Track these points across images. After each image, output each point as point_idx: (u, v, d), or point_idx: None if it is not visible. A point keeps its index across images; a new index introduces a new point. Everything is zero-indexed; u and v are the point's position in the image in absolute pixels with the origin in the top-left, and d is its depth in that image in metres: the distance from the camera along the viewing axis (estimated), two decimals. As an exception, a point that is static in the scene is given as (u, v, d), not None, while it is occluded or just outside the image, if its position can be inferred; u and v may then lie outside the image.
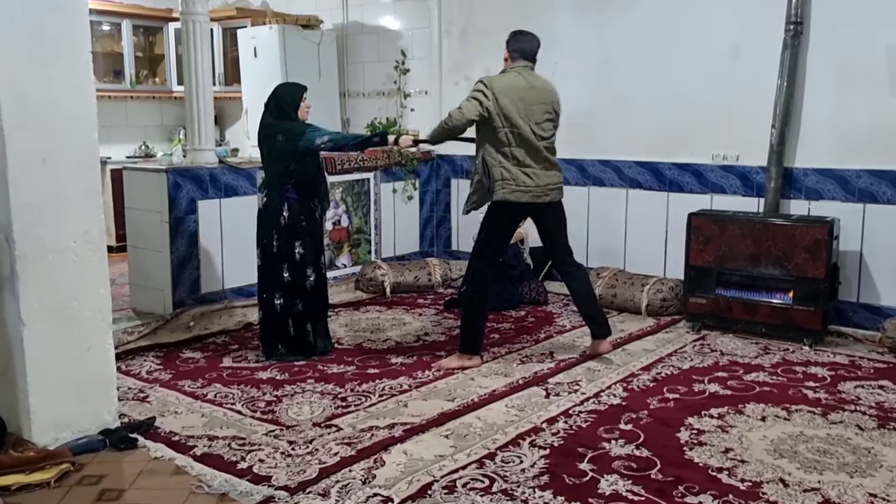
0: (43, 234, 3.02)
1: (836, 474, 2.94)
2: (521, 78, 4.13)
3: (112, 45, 7.87)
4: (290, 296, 4.25)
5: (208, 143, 5.29)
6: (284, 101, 4.23)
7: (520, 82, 4.10)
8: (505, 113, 3.99)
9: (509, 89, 4.04)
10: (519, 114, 4.01)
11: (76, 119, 3.09)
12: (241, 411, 3.56)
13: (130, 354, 4.37)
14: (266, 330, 4.32)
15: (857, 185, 4.76)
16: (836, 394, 3.80)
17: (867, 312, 4.78)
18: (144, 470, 2.94)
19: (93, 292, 3.18)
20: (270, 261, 4.24)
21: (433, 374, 4.07)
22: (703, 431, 3.34)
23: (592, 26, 5.78)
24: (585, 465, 3.00)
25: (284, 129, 4.17)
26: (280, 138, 4.15)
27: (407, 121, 6.83)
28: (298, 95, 4.26)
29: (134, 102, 8.25)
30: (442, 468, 2.97)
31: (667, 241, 5.47)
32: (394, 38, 6.90)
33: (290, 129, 4.16)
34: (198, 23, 5.16)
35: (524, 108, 4.04)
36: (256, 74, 7.08)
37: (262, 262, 4.28)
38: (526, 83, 4.11)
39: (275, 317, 4.27)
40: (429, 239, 6.81)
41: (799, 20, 4.80)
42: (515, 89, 4.05)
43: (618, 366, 4.21)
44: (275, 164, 4.21)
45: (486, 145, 4.08)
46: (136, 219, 5.21)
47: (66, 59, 3.04)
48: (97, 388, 3.23)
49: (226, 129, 8.51)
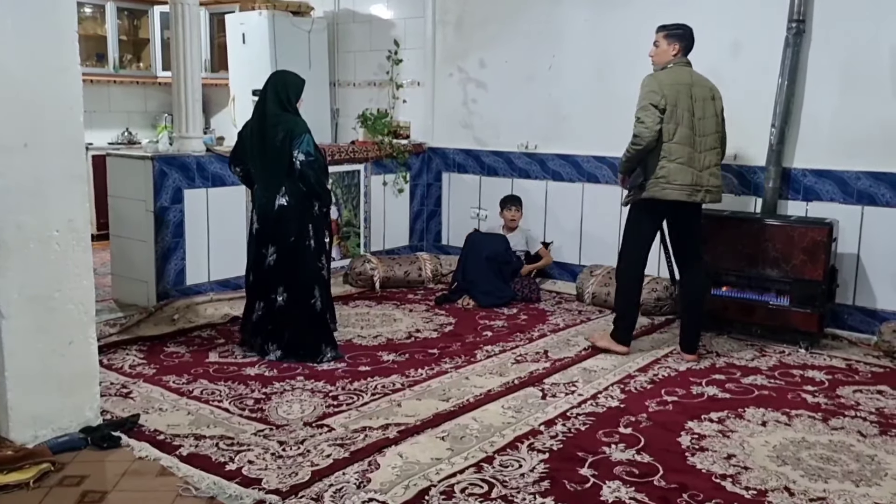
0: (24, 221, 2.87)
1: (841, 483, 2.88)
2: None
3: (95, 28, 7.67)
4: (325, 291, 4.17)
5: (196, 131, 5.14)
6: (293, 92, 4.05)
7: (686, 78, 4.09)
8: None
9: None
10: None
11: (61, 102, 2.94)
12: (228, 409, 3.44)
13: (112, 347, 4.23)
14: (308, 330, 4.07)
15: (856, 187, 4.71)
16: (835, 398, 3.74)
17: (863, 315, 4.74)
18: (128, 471, 2.81)
19: (76, 283, 3.04)
20: (312, 257, 4.05)
21: (426, 372, 3.97)
22: (705, 436, 3.26)
23: (591, 19, 5.69)
24: (586, 470, 2.92)
25: (288, 124, 3.96)
26: (281, 131, 3.95)
27: (399, 112, 6.71)
28: (302, 87, 4.11)
29: (117, 87, 8.06)
30: (439, 472, 2.86)
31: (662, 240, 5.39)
32: (386, 28, 6.77)
33: (294, 125, 3.95)
34: (187, 6, 5.01)
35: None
36: (244, 61, 6.93)
37: (291, 260, 4.02)
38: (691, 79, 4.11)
39: (315, 315, 4.09)
40: (419, 233, 6.70)
41: (801, 18, 4.74)
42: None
43: (614, 366, 4.13)
44: (281, 159, 3.95)
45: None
46: (120, 207, 5.05)
47: (53, 38, 2.89)
48: (79, 384, 3.09)
49: (212, 117, 8.35)
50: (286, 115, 4.00)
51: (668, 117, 3.97)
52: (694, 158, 4.02)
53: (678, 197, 4.01)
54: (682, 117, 3.99)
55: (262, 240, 4.10)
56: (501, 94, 6.18)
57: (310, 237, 4.04)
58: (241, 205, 5.29)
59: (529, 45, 5.97)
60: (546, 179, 5.99)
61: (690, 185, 4.02)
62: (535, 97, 5.98)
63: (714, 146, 4.13)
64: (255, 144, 4.07)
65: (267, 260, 4.06)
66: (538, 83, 5.97)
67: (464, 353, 4.30)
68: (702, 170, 4.05)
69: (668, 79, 4.04)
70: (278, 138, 3.94)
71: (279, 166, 3.97)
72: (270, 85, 4.08)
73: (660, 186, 4.01)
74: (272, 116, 4.00)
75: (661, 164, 3.99)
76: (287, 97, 4.03)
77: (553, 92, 5.90)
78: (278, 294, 4.06)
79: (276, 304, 4.07)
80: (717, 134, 4.16)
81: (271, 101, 4.03)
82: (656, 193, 4.03)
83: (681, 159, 3.98)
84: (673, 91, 3.99)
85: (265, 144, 4.01)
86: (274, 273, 4.06)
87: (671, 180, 3.99)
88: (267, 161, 4.03)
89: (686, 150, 4.00)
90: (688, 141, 4.00)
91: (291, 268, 4.04)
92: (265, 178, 4.09)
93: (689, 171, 4.00)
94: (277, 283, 4.06)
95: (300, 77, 4.16)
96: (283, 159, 3.94)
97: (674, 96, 3.98)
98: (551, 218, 6.00)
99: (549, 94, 5.92)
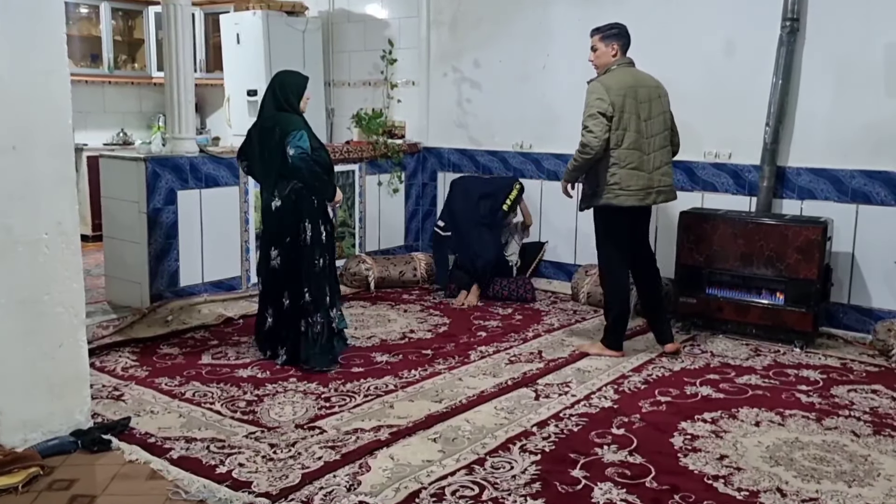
0: (12, 224, 2.86)
1: (833, 483, 2.87)
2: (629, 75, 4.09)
3: (90, 28, 7.66)
4: (326, 287, 4.06)
5: (189, 132, 5.12)
6: (291, 91, 4.00)
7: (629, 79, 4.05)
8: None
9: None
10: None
11: (49, 104, 2.93)
12: (220, 411, 3.43)
13: (105, 349, 4.21)
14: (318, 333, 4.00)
15: (850, 186, 4.70)
16: (829, 398, 3.74)
17: (858, 314, 4.73)
18: (118, 474, 2.80)
19: (65, 287, 3.02)
20: (310, 256, 3.98)
21: (419, 373, 3.96)
22: (697, 437, 3.25)
23: (584, 19, 5.66)
24: (578, 471, 2.91)
25: (282, 122, 3.92)
26: (277, 131, 3.91)
27: (393, 112, 6.69)
28: (304, 85, 4.06)
29: (112, 88, 8.05)
30: (430, 474, 2.86)
31: (656, 240, 5.39)
32: (381, 27, 6.75)
33: (287, 123, 3.91)
34: (179, 6, 4.99)
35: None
36: (239, 61, 6.92)
37: (292, 261, 3.98)
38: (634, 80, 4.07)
39: (313, 318, 4.02)
40: (414, 233, 6.69)
41: (795, 17, 4.73)
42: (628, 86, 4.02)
43: (608, 366, 4.12)
44: (275, 160, 3.92)
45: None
46: (113, 208, 5.04)
47: (40, 40, 2.88)
48: (69, 387, 3.08)
49: (207, 118, 8.33)
50: (281, 114, 3.97)
51: (616, 124, 3.96)
52: (644, 161, 4.01)
53: (632, 203, 4.02)
54: (630, 122, 3.97)
55: (266, 241, 4.12)
56: (496, 94, 6.17)
57: (307, 235, 3.97)
58: (234, 205, 5.28)
59: (523, 44, 5.96)
60: (542, 179, 5.98)
61: (643, 189, 4.02)
62: (530, 96, 5.97)
63: (663, 145, 4.12)
64: (255, 146, 4.07)
65: (272, 262, 4.06)
66: (532, 82, 5.95)
67: (458, 353, 4.29)
68: (652, 171, 4.04)
69: (613, 83, 4.01)
70: (274, 139, 3.92)
71: (274, 167, 3.95)
72: (269, 86, 4.07)
73: (613, 193, 4.01)
74: (268, 119, 3.99)
75: (612, 170, 3.99)
76: (285, 97, 4.00)
77: (547, 91, 5.88)
78: (285, 298, 4.03)
79: (284, 308, 4.04)
80: (666, 132, 4.14)
81: (268, 102, 4.03)
82: (611, 200, 4.03)
83: (631, 164, 3.98)
84: (619, 96, 3.97)
85: (262, 146, 4.01)
86: (280, 275, 4.04)
87: (623, 186, 3.99)
88: (265, 162, 4.02)
89: (635, 154, 3.99)
90: (636, 145, 3.99)
91: (294, 269, 4.01)
92: (263, 180, 4.11)
93: (640, 174, 4.00)
94: (284, 286, 4.03)
95: (302, 75, 4.12)
96: (277, 159, 3.92)
97: (620, 102, 3.96)
98: (546, 217, 5.99)
99: (544, 93, 5.90)
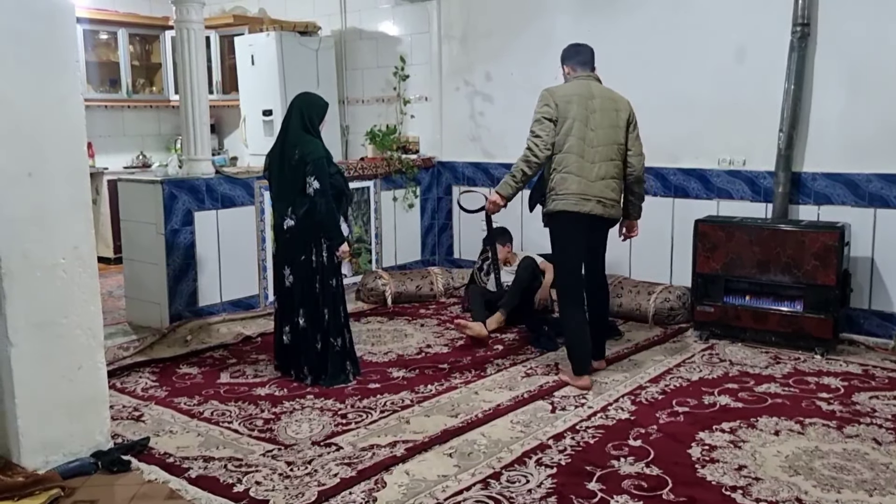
0: (30, 249, 2.92)
1: (854, 492, 2.83)
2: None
3: (108, 54, 7.79)
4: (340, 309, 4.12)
5: (204, 153, 5.19)
6: (316, 113, 4.06)
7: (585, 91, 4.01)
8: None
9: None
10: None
11: (65, 131, 2.99)
12: (238, 430, 3.45)
13: (126, 370, 4.27)
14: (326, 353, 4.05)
15: (867, 190, 4.65)
16: (850, 406, 3.69)
17: (879, 319, 4.67)
18: (137, 494, 2.83)
19: (83, 310, 3.07)
20: (325, 276, 4.01)
21: (436, 387, 3.96)
22: (715, 447, 3.22)
23: (594, 29, 5.67)
24: (594, 484, 2.89)
25: (303, 145, 3.96)
26: (297, 153, 3.95)
27: (407, 127, 6.74)
28: (326, 109, 4.13)
29: (131, 112, 8.17)
30: (445, 489, 2.86)
31: (673, 248, 5.37)
32: (393, 44, 6.81)
33: (307, 148, 3.94)
34: (192, 31, 5.07)
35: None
36: (254, 82, 7.00)
37: (305, 280, 4.02)
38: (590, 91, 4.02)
39: (331, 336, 4.06)
40: (430, 247, 6.71)
41: (806, 21, 4.70)
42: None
43: (625, 377, 4.10)
44: (294, 181, 3.96)
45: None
46: (132, 230, 5.12)
47: (54, 68, 2.95)
48: (88, 409, 3.12)
49: (224, 138, 8.43)
50: (305, 136, 4.00)
51: (560, 128, 3.91)
52: (584, 168, 3.91)
53: (566, 207, 3.90)
54: (573, 127, 3.91)
55: (279, 260, 4.16)
56: (509, 106, 6.18)
57: (322, 255, 4.01)
58: (251, 225, 5.33)
59: (534, 56, 5.97)
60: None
61: (579, 195, 3.89)
62: (542, 108, 5.97)
63: (610, 157, 3.97)
64: (275, 164, 4.11)
65: (286, 281, 4.09)
66: (545, 94, 5.96)
67: (474, 367, 4.29)
68: (594, 180, 3.92)
69: (561, 91, 3.98)
70: (294, 160, 3.96)
71: (292, 187, 3.99)
72: (296, 106, 4.08)
73: (552, 200, 3.95)
74: (293, 138, 4.02)
75: (552, 176, 3.94)
76: (311, 118, 4.04)
77: (560, 103, 5.88)
78: (299, 316, 4.07)
79: (300, 327, 4.07)
80: (616, 147, 3.99)
81: (295, 122, 4.05)
82: (551, 207, 3.96)
83: (569, 168, 3.91)
84: (565, 102, 3.92)
85: (283, 165, 4.04)
86: (294, 294, 4.07)
87: (559, 191, 3.91)
88: (282, 181, 4.06)
89: (575, 158, 3.91)
90: (578, 150, 3.91)
91: (308, 288, 4.04)
92: (279, 198, 4.13)
93: (578, 180, 3.90)
94: (298, 304, 4.06)
95: (323, 99, 4.18)
96: (296, 181, 3.96)
97: (565, 108, 3.91)
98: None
99: (556, 104, 5.90)
